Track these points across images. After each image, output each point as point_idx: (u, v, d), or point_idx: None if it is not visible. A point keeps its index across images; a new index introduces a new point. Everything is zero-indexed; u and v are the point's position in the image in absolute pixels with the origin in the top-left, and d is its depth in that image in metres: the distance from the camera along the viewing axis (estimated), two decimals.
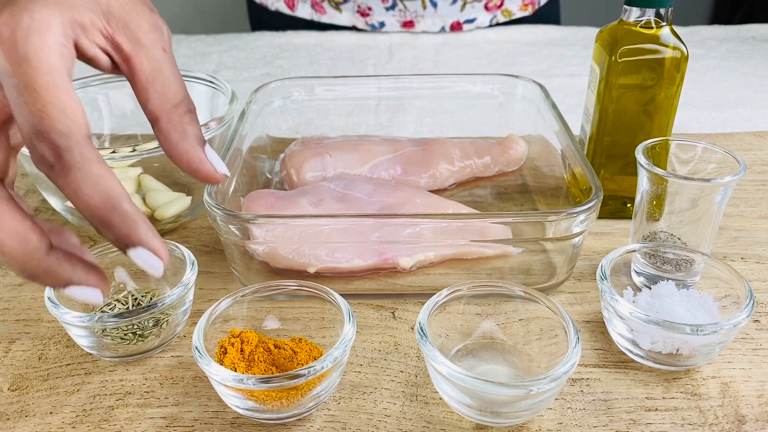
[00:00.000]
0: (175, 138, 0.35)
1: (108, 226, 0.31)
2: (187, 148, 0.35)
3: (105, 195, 0.31)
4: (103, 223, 0.31)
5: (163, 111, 0.35)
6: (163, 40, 0.36)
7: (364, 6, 1.02)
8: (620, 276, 0.48)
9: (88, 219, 0.31)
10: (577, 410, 0.41)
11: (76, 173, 0.30)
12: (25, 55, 0.30)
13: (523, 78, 0.68)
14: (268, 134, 0.68)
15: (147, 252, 0.32)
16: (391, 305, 0.49)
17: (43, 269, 0.32)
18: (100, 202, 0.30)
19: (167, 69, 0.36)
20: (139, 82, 0.35)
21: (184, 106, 0.36)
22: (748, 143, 0.73)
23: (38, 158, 0.30)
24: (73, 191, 0.30)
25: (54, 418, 0.41)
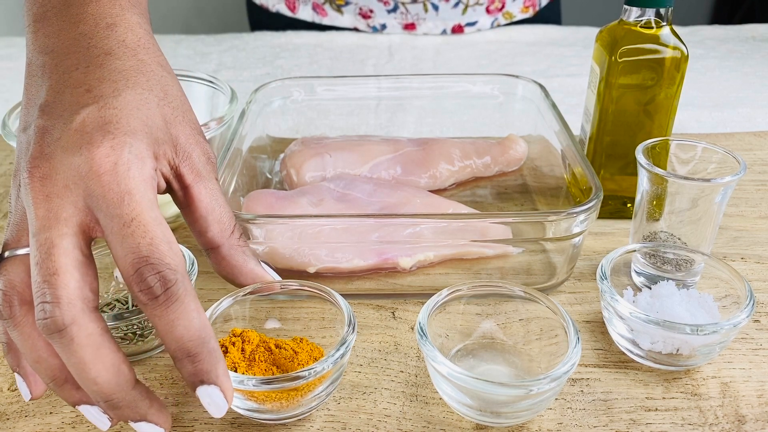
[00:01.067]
0: (240, 261, 0.39)
1: (194, 360, 0.32)
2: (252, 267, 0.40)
3: (199, 329, 0.33)
4: (191, 356, 0.32)
5: (224, 238, 0.38)
6: (215, 171, 0.39)
7: (365, 8, 1.02)
8: (620, 276, 0.48)
9: (173, 350, 0.33)
10: (577, 410, 0.41)
11: (179, 306, 0.32)
12: (128, 189, 0.32)
13: (523, 78, 0.68)
14: (268, 134, 0.68)
15: (219, 392, 0.33)
16: (391, 305, 0.50)
17: (127, 402, 0.33)
18: (194, 335, 0.32)
19: (221, 198, 0.38)
20: (197, 211, 0.37)
21: (239, 231, 0.39)
22: (748, 143, 0.73)
23: (144, 288, 0.31)
24: (170, 322, 0.32)
25: (54, 418, 0.41)
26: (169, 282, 0.32)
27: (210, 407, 0.33)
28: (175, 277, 0.32)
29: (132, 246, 0.32)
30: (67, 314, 0.31)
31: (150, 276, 0.31)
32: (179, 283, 0.32)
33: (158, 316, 0.32)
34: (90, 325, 0.32)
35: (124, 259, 0.32)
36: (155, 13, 0.47)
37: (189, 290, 0.33)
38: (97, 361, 0.32)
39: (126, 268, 0.32)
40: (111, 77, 0.35)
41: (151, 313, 0.32)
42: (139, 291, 0.32)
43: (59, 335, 0.31)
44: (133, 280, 0.32)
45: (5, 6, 1.66)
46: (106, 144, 0.33)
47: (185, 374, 0.33)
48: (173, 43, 1.04)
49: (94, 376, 0.32)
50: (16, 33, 1.14)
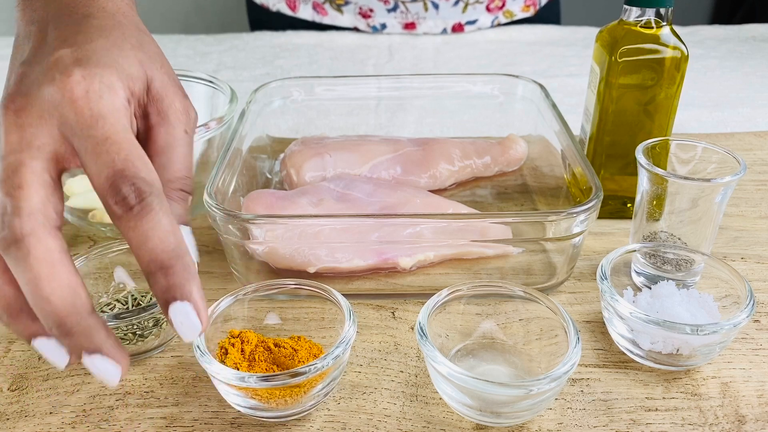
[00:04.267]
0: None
1: (167, 273, 0.31)
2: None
3: (174, 243, 0.32)
4: (164, 268, 0.31)
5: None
6: (188, 124, 0.38)
7: (365, 8, 1.02)
8: (620, 276, 0.48)
9: (147, 262, 0.32)
10: (577, 410, 0.41)
11: (153, 216, 0.31)
12: (100, 113, 0.33)
13: (523, 78, 0.68)
14: (268, 134, 0.68)
15: (192, 310, 0.32)
16: (391, 305, 0.49)
17: (82, 328, 0.32)
18: (168, 248, 0.31)
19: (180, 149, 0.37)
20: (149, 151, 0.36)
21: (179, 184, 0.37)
22: (748, 143, 0.73)
23: (119, 200, 0.31)
24: (144, 233, 0.31)
25: (54, 419, 0.41)
26: (143, 193, 0.31)
27: (182, 327, 0.32)
28: (150, 189, 0.32)
29: (107, 161, 0.32)
30: (27, 225, 0.30)
31: (125, 187, 0.31)
32: (154, 196, 0.32)
33: (132, 228, 0.31)
34: (49, 241, 0.31)
35: (98, 176, 0.32)
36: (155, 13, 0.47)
37: (164, 205, 0.32)
38: (52, 278, 0.31)
39: (101, 184, 0.32)
40: (87, 31, 0.36)
41: (125, 225, 0.31)
42: (114, 203, 0.31)
43: (15, 247, 0.30)
44: (108, 193, 0.31)
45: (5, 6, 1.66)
46: (77, 74, 0.33)
47: (158, 291, 0.32)
48: (173, 43, 1.04)
49: (48, 293, 0.31)
50: None
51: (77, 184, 0.55)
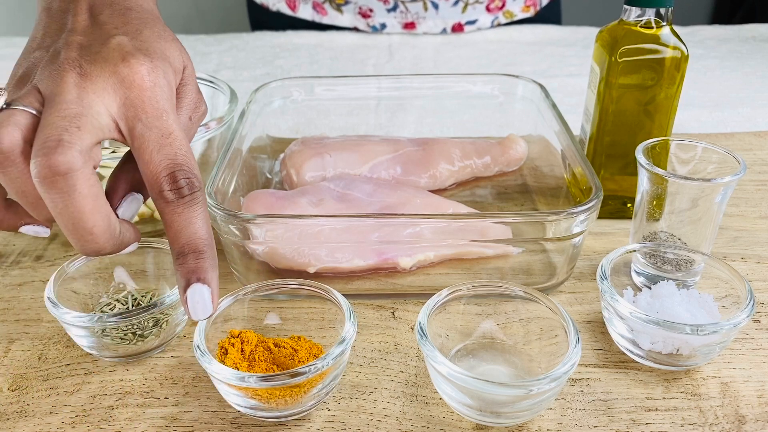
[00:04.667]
0: None
1: (198, 256, 0.36)
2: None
3: (209, 234, 0.36)
4: (197, 252, 0.36)
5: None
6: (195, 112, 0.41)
7: (365, 7, 1.02)
8: (620, 276, 0.48)
9: (183, 244, 0.36)
10: (577, 410, 0.41)
11: (198, 208, 0.36)
12: (165, 108, 0.36)
13: (523, 78, 0.68)
14: (268, 134, 0.68)
15: (209, 293, 0.36)
16: (391, 305, 0.49)
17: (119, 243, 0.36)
18: (205, 236, 0.36)
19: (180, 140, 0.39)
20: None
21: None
22: (748, 143, 0.73)
23: (175, 188, 0.35)
24: (188, 219, 0.35)
25: (54, 418, 0.41)
26: (195, 187, 0.36)
27: (196, 306, 0.36)
28: (200, 185, 0.36)
29: (170, 153, 0.35)
30: (78, 160, 0.32)
31: (182, 179, 0.35)
32: (202, 191, 0.36)
33: (178, 213, 0.35)
34: (93, 178, 0.34)
35: (158, 164, 0.35)
36: None
37: (205, 204, 0.37)
38: (95, 212, 0.34)
39: (159, 171, 0.35)
40: (133, 23, 0.39)
41: (172, 210, 0.35)
42: (169, 189, 0.35)
43: (63, 178, 0.32)
44: (165, 180, 0.35)
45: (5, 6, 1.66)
46: (147, 63, 0.36)
47: (185, 270, 0.36)
48: None
49: (91, 226, 0.34)
50: (16, 33, 1.14)
51: None
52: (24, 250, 0.56)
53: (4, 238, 0.58)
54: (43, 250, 0.56)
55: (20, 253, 0.56)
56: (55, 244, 0.57)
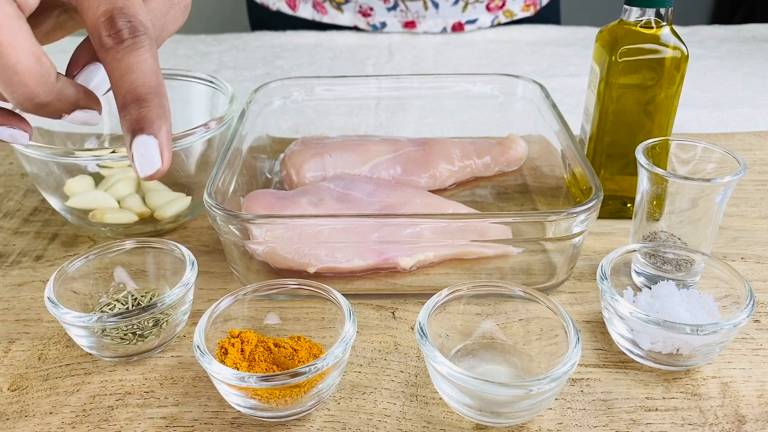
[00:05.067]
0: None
1: (141, 104, 0.32)
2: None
3: (155, 81, 0.32)
4: (139, 100, 0.32)
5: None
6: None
7: (365, 6, 1.02)
8: (620, 276, 0.48)
9: (124, 93, 0.32)
10: (577, 410, 0.41)
11: (142, 53, 0.32)
12: None
13: (523, 78, 0.68)
14: (268, 134, 0.68)
15: (156, 146, 0.32)
16: (391, 305, 0.49)
17: (56, 93, 0.32)
18: (149, 83, 0.32)
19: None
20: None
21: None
22: (748, 143, 0.73)
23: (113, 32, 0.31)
24: (129, 65, 0.32)
25: (54, 418, 0.41)
26: (137, 31, 0.32)
27: (142, 160, 0.32)
28: (143, 29, 0.32)
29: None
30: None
31: (121, 22, 0.32)
32: (146, 36, 0.32)
33: (118, 60, 0.32)
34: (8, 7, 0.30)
35: (96, 9, 0.32)
36: None
37: (153, 48, 0.33)
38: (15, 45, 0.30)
39: (97, 16, 0.32)
40: None
41: (112, 57, 0.32)
42: (107, 35, 0.32)
43: None
44: (103, 24, 0.32)
45: None
46: None
47: (127, 122, 0.32)
48: (173, 43, 1.04)
49: (14, 62, 0.30)
50: None
51: (77, 184, 0.55)
52: (24, 250, 0.56)
53: (4, 239, 0.58)
54: (43, 250, 0.56)
55: (20, 253, 0.56)
56: (55, 244, 0.57)
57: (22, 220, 0.61)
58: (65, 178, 0.55)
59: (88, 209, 0.55)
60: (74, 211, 0.56)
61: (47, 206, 0.62)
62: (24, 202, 0.63)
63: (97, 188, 0.56)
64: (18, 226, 0.60)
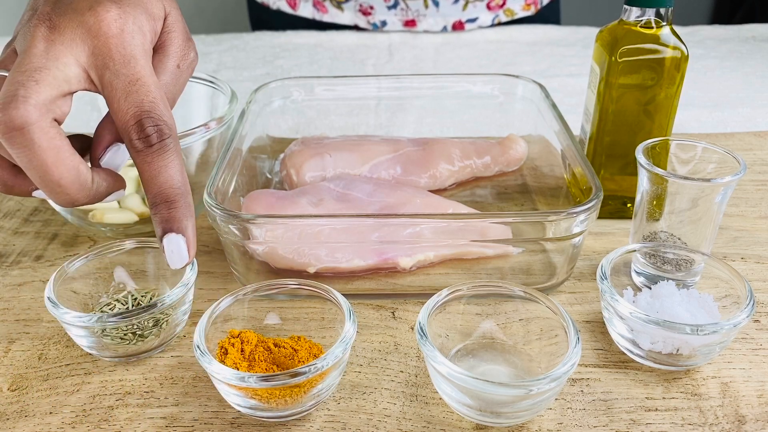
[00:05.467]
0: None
1: (170, 206, 0.36)
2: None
3: (181, 182, 0.36)
4: (168, 202, 0.36)
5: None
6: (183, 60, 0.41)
7: (365, 5, 1.02)
8: (620, 276, 0.48)
9: (154, 194, 0.36)
10: (577, 410, 0.41)
11: (168, 156, 0.35)
12: (132, 54, 0.36)
13: (523, 78, 0.68)
14: (268, 134, 0.68)
15: (184, 243, 0.36)
16: (391, 305, 0.49)
17: (92, 195, 0.36)
18: (176, 185, 0.36)
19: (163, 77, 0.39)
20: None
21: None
22: (748, 143, 0.73)
23: (142, 136, 0.35)
24: (158, 168, 0.35)
25: (54, 418, 0.41)
26: (164, 135, 0.35)
27: (172, 256, 0.36)
28: (170, 132, 0.35)
29: (136, 101, 0.35)
30: (33, 114, 0.32)
31: (149, 126, 0.35)
32: (172, 138, 0.35)
33: (148, 163, 0.35)
34: (51, 130, 0.33)
35: (125, 113, 0.35)
36: None
37: (178, 150, 0.36)
38: (59, 164, 0.33)
39: (126, 120, 0.35)
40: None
41: (142, 160, 0.35)
42: (137, 138, 0.35)
43: (20, 133, 0.32)
44: (133, 129, 0.35)
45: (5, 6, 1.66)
46: (114, 10, 0.36)
47: (158, 220, 0.36)
48: None
49: (57, 178, 0.34)
50: None
51: None
52: (24, 250, 0.56)
53: (4, 239, 0.58)
54: (43, 250, 0.56)
55: (20, 253, 0.56)
56: (55, 244, 0.57)
57: (22, 220, 0.61)
58: None
59: (88, 209, 0.55)
60: (74, 211, 0.56)
61: (47, 206, 0.62)
62: (24, 202, 0.63)
63: None
64: (18, 226, 0.60)
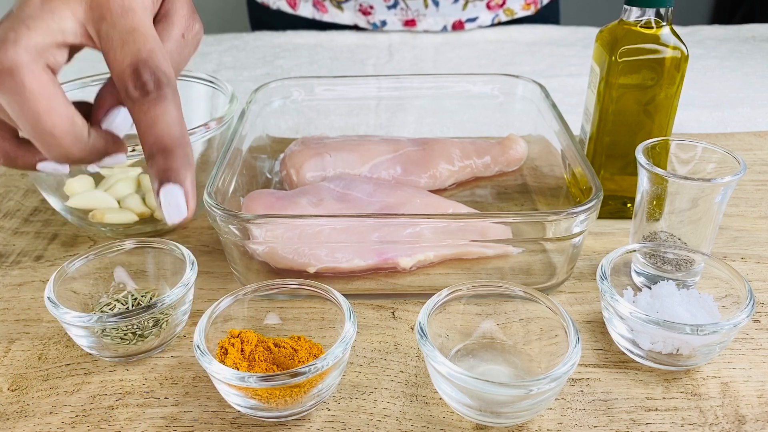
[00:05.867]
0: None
1: (167, 155, 0.34)
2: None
3: (180, 132, 0.34)
4: (165, 151, 0.34)
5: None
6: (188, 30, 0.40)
7: (365, 4, 1.02)
8: (620, 276, 0.48)
9: (151, 144, 0.34)
10: (577, 410, 0.41)
11: (166, 105, 0.34)
12: (130, 6, 0.34)
13: (523, 78, 0.68)
14: (268, 134, 0.68)
15: (182, 195, 0.34)
16: (391, 305, 0.49)
17: (88, 149, 0.35)
18: (174, 134, 0.34)
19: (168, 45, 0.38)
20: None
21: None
22: (748, 143, 0.73)
23: (139, 85, 0.33)
24: (155, 117, 0.33)
25: (54, 418, 0.41)
26: (162, 83, 0.34)
27: (169, 208, 0.34)
28: (167, 81, 0.34)
29: (133, 50, 0.33)
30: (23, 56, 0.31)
31: (146, 74, 0.33)
32: (170, 87, 0.34)
33: (144, 111, 0.33)
34: (42, 74, 0.32)
35: (122, 62, 0.33)
36: None
37: (177, 98, 0.34)
38: (51, 112, 0.32)
39: (123, 69, 0.33)
40: None
41: (138, 108, 0.34)
42: (133, 87, 0.33)
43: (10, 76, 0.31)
44: (129, 77, 0.33)
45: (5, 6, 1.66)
46: None
47: (155, 171, 0.34)
48: None
49: (50, 127, 0.32)
50: None
51: (77, 184, 0.55)
52: (24, 250, 0.56)
53: (4, 239, 0.58)
54: (43, 250, 0.56)
55: (20, 253, 0.56)
56: (55, 244, 0.57)
57: (22, 220, 0.61)
58: (65, 178, 0.55)
59: (88, 209, 0.55)
60: (74, 211, 0.56)
61: (47, 206, 0.62)
62: (24, 202, 0.63)
63: (97, 188, 0.56)
64: (18, 226, 0.60)
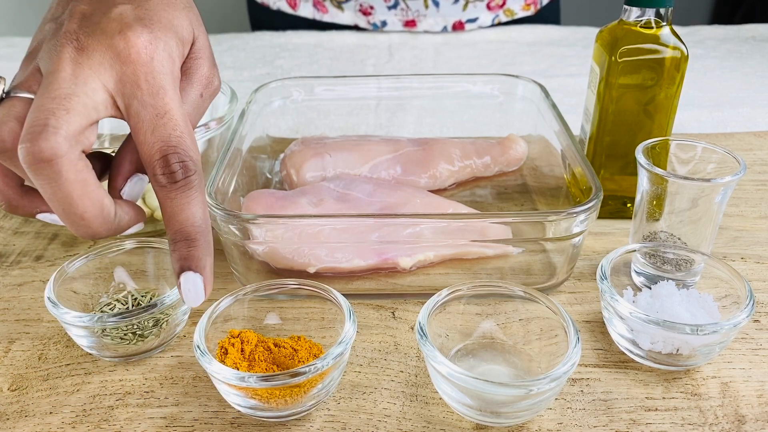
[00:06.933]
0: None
1: (190, 244, 0.35)
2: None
3: (203, 220, 0.36)
4: (188, 240, 0.35)
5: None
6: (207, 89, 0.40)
7: (366, 5, 1.02)
8: (620, 276, 0.48)
9: (175, 231, 0.35)
10: (577, 410, 0.41)
11: (192, 193, 0.35)
12: (162, 84, 0.35)
13: (523, 78, 0.68)
14: (268, 134, 0.68)
15: (201, 280, 0.36)
16: (391, 305, 0.49)
17: (114, 228, 0.36)
18: (197, 223, 0.35)
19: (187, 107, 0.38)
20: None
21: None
22: (748, 143, 0.73)
23: (168, 172, 0.34)
24: (181, 205, 0.35)
25: (54, 418, 0.41)
26: (189, 171, 0.35)
27: (188, 294, 0.36)
28: (195, 169, 0.35)
29: (163, 135, 0.34)
30: (63, 146, 0.32)
31: (175, 162, 0.34)
32: (197, 175, 0.35)
33: (171, 198, 0.35)
34: (79, 163, 0.33)
35: (152, 146, 0.34)
36: None
37: (202, 187, 0.36)
38: (84, 197, 0.33)
39: (152, 154, 0.34)
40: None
41: (165, 195, 0.35)
42: (161, 174, 0.34)
43: (48, 165, 0.32)
44: (158, 163, 0.34)
45: (5, 6, 1.66)
46: (144, 36, 0.35)
47: (177, 257, 0.35)
48: None
49: (81, 211, 0.33)
50: (16, 33, 1.14)
51: None
52: (24, 250, 0.56)
53: (4, 239, 0.58)
54: (43, 250, 0.56)
55: (20, 253, 0.56)
56: (55, 244, 0.57)
57: (22, 220, 0.61)
58: None
59: None
60: None
61: None
62: None
63: None
64: (18, 226, 0.60)
